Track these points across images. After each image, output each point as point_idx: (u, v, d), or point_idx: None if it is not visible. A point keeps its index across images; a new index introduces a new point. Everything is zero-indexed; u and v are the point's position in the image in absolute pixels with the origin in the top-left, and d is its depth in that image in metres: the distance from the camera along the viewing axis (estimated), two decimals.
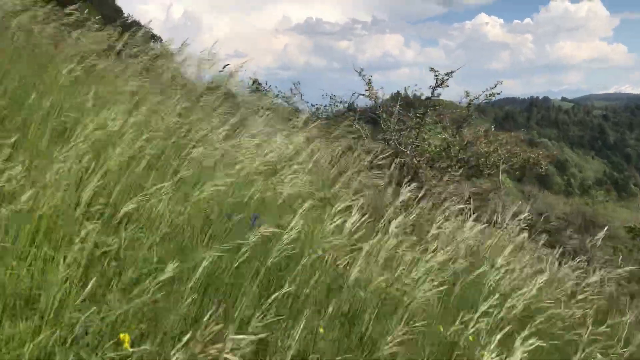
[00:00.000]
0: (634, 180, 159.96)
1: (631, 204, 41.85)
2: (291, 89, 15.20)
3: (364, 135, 8.63)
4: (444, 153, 8.95)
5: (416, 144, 8.69)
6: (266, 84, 16.06)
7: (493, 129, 10.63)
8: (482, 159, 8.96)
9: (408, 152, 8.33)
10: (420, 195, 5.15)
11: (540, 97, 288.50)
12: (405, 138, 8.79)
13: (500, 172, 8.93)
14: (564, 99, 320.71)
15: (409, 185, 4.61)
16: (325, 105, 17.06)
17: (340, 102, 16.41)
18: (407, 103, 9.60)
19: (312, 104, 17.13)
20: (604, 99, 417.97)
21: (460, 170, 8.50)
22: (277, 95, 16.33)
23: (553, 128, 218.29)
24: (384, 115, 9.12)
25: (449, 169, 8.42)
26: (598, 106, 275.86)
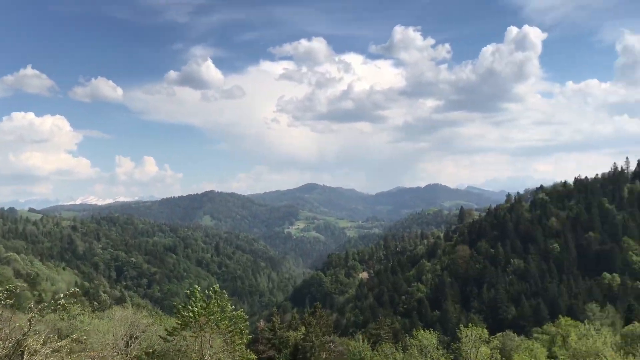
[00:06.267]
0: (103, 288, 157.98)
1: (105, 313, 38.46)
2: None
3: None
4: None
5: None
6: None
7: None
8: None
9: None
10: None
11: (6, 208, 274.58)
12: None
13: None
14: (31, 210, 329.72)
15: None
16: None
17: None
18: None
19: None
20: (72, 209, 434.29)
21: None
22: None
23: (22, 240, 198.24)
24: None
25: None
26: (66, 216, 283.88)
